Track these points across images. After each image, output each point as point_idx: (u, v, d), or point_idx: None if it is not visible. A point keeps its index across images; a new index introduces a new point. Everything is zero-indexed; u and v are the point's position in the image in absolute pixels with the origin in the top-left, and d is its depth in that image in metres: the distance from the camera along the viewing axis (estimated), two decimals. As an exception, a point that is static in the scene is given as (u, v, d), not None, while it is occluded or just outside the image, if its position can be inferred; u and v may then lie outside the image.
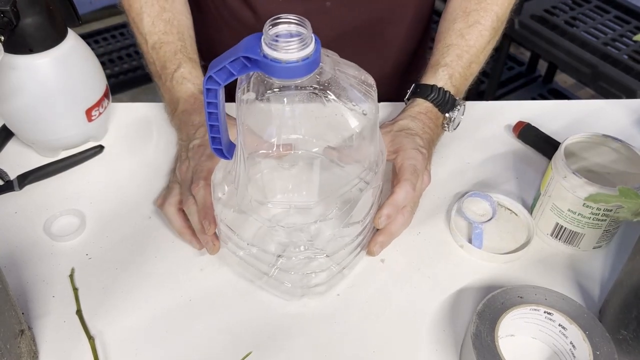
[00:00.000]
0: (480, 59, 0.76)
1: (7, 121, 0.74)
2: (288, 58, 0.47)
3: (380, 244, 0.62)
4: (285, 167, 0.70)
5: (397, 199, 0.61)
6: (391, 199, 0.61)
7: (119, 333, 0.58)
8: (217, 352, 0.56)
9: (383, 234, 0.62)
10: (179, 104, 0.73)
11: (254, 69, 0.50)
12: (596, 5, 1.89)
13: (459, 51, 0.74)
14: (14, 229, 0.67)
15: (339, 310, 0.60)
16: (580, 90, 2.23)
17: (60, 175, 0.73)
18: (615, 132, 0.67)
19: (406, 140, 0.66)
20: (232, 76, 0.51)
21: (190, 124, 0.71)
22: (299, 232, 0.55)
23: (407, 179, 0.62)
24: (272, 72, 0.49)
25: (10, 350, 0.51)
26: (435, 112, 0.72)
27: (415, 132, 0.68)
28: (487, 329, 0.53)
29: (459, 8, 0.77)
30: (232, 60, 0.49)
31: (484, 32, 0.75)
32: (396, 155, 0.66)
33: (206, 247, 0.62)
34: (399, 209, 0.62)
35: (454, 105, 0.72)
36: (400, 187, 0.62)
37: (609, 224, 0.61)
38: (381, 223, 0.61)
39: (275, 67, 0.48)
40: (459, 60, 0.73)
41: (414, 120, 0.70)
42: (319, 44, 0.50)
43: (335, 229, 0.57)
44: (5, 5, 0.62)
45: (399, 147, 0.66)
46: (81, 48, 0.71)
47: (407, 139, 0.67)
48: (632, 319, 0.53)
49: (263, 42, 0.48)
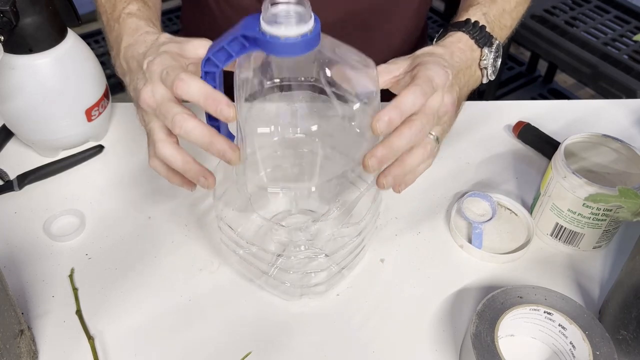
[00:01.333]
0: (512, 13, 0.69)
1: (7, 121, 0.74)
2: (287, 34, 0.47)
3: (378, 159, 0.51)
4: (286, 164, 0.70)
5: (402, 101, 0.50)
6: (394, 102, 0.50)
7: (118, 333, 0.58)
8: (217, 351, 0.56)
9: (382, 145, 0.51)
10: (122, 40, 0.63)
11: (253, 48, 0.49)
12: (596, 5, 1.89)
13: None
14: (14, 229, 0.67)
15: (338, 310, 0.60)
16: (580, 90, 2.23)
17: (60, 175, 0.73)
18: (615, 132, 0.67)
19: (428, 59, 0.56)
20: (230, 57, 0.50)
21: (136, 54, 0.59)
22: (298, 232, 0.55)
23: (417, 84, 0.51)
24: (271, 49, 0.48)
25: (9, 350, 0.51)
26: (471, 43, 0.62)
27: (441, 56, 0.59)
28: (487, 329, 0.53)
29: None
30: (230, 40, 0.49)
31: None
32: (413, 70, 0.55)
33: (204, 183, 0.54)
34: (404, 115, 0.50)
35: (491, 42, 0.63)
36: (407, 89, 0.51)
37: (608, 224, 0.61)
38: (380, 127, 0.49)
39: (273, 43, 0.47)
40: (492, 4, 0.67)
41: (442, 47, 0.61)
42: (319, 23, 0.49)
43: (334, 229, 0.57)
44: (5, 5, 0.62)
45: (418, 64, 0.56)
46: (81, 48, 0.71)
47: (429, 58, 0.57)
48: (632, 319, 0.53)
49: (262, 19, 0.47)
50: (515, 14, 0.70)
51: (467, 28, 0.63)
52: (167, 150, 0.53)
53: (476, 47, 0.63)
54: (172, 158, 0.54)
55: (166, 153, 0.54)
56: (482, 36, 0.63)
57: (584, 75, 1.68)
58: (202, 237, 0.66)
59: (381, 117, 0.49)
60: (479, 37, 0.63)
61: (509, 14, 0.69)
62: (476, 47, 0.63)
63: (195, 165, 0.54)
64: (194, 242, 0.66)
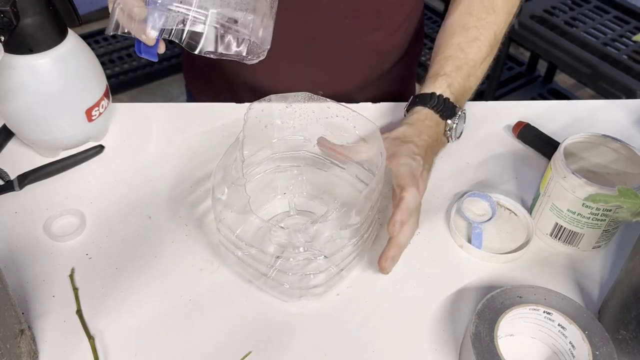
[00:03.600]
0: (478, 73, 0.76)
1: (7, 121, 0.74)
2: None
3: (391, 259, 0.60)
4: (285, 167, 0.70)
5: (407, 203, 0.60)
6: (402, 205, 0.60)
7: (119, 333, 0.58)
8: (217, 351, 0.56)
9: (392, 247, 0.60)
10: None
11: None
12: (596, 5, 1.89)
13: (458, 63, 0.74)
14: (14, 229, 0.67)
15: (338, 310, 0.60)
16: (580, 90, 2.23)
17: (60, 175, 0.73)
18: (615, 132, 0.67)
19: (400, 148, 0.66)
20: None
21: None
22: (297, 233, 0.55)
23: (410, 183, 0.61)
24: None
25: (10, 350, 0.51)
26: (436, 118, 0.71)
27: (410, 139, 0.67)
28: (487, 329, 0.53)
29: (458, 24, 0.77)
30: None
31: (482, 48, 0.75)
32: (390, 162, 0.65)
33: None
34: (411, 213, 0.60)
35: (454, 113, 0.71)
36: (408, 191, 0.61)
37: (608, 224, 0.61)
38: (395, 230, 0.59)
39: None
40: (458, 71, 0.73)
41: (411, 127, 0.69)
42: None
43: (333, 231, 0.57)
44: (5, 5, 0.62)
45: (392, 154, 0.65)
46: (81, 48, 0.71)
47: (401, 147, 0.66)
48: (632, 319, 0.53)
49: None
50: (480, 72, 0.76)
51: (431, 103, 0.71)
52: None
53: (441, 121, 0.71)
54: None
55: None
56: (446, 109, 0.71)
57: (584, 75, 1.68)
58: (202, 237, 0.66)
59: (395, 221, 0.59)
60: (443, 110, 0.71)
61: (475, 76, 0.75)
62: (441, 121, 0.71)
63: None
64: (194, 242, 0.66)
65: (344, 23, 0.82)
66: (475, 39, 0.75)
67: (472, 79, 0.75)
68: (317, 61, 0.85)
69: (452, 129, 0.71)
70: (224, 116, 0.81)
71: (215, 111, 0.82)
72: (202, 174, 0.73)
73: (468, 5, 0.77)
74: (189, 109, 0.84)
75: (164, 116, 0.81)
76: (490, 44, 0.76)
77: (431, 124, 0.70)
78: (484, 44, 0.75)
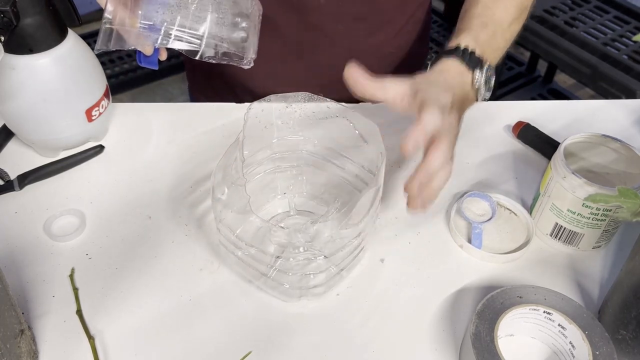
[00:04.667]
0: (506, 35, 0.71)
1: (7, 121, 0.74)
2: None
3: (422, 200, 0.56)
4: (285, 167, 0.70)
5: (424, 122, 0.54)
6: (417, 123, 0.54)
7: (119, 333, 0.58)
8: (217, 351, 0.56)
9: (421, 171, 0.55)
10: None
11: None
12: (596, 5, 1.89)
13: (484, 19, 0.70)
14: (14, 229, 0.67)
15: (338, 310, 0.60)
16: (580, 90, 2.23)
17: (60, 175, 0.73)
18: (615, 132, 0.67)
19: (426, 86, 0.60)
20: None
21: None
22: (297, 233, 0.55)
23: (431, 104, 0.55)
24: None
25: (10, 350, 0.51)
26: (461, 68, 0.65)
27: (436, 81, 0.62)
28: (487, 329, 0.53)
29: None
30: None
31: (510, 8, 0.72)
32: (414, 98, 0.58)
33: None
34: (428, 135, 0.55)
35: (481, 65, 0.65)
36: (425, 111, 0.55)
37: (608, 224, 0.61)
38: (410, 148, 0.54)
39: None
40: (483, 28, 0.69)
41: (436, 74, 0.64)
42: None
43: (333, 230, 0.57)
44: (5, 5, 0.62)
45: (419, 89, 0.59)
46: (81, 48, 0.71)
47: (428, 84, 0.60)
48: (632, 319, 0.53)
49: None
50: (509, 35, 0.72)
51: (457, 54, 0.65)
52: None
53: (466, 72, 0.65)
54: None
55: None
56: (472, 60, 0.65)
57: (584, 75, 1.68)
58: (202, 237, 0.66)
59: (409, 139, 0.53)
60: (468, 61, 0.65)
61: (502, 36, 0.71)
62: (466, 72, 0.65)
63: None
64: (194, 242, 0.66)
65: (344, 24, 0.82)
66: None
67: (499, 38, 0.70)
68: (317, 63, 0.85)
69: (479, 81, 0.65)
70: (224, 116, 0.81)
71: (215, 111, 0.82)
72: (202, 174, 0.73)
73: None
74: (189, 109, 0.84)
75: (164, 116, 0.81)
76: (518, 5, 0.73)
77: (455, 74, 0.64)
78: (511, 4, 0.72)
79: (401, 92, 0.59)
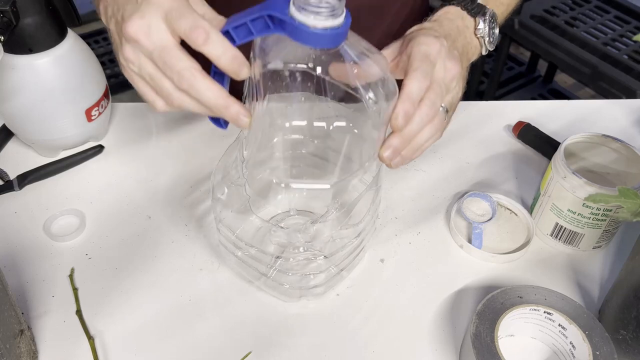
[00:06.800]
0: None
1: (7, 121, 0.74)
2: (317, 24, 0.44)
3: (393, 149, 0.51)
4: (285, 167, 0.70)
5: (409, 91, 0.50)
6: (403, 93, 0.50)
7: (119, 333, 0.58)
8: (217, 351, 0.56)
9: (397, 136, 0.51)
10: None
11: (277, 31, 0.46)
12: (596, 5, 1.89)
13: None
14: (13, 229, 0.67)
15: (338, 310, 0.60)
16: (580, 90, 2.23)
17: (60, 175, 0.73)
18: (615, 132, 0.67)
19: (418, 33, 0.56)
20: (250, 35, 0.47)
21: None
22: (297, 233, 0.55)
23: (417, 67, 0.51)
24: (298, 36, 0.45)
25: (9, 350, 0.51)
26: (462, 13, 0.61)
27: (430, 28, 0.58)
28: (487, 329, 0.53)
29: None
30: (254, 18, 0.46)
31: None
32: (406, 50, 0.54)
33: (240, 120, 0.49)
34: (416, 103, 0.51)
35: (484, 12, 0.62)
36: (410, 77, 0.51)
37: (608, 224, 0.61)
38: (399, 123, 0.50)
39: (301, 31, 0.45)
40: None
41: (431, 22, 0.61)
42: (350, 18, 0.47)
43: (333, 230, 0.57)
44: (5, 5, 0.62)
45: (409, 39, 0.55)
46: (81, 48, 0.71)
47: (419, 33, 0.56)
48: (632, 319, 0.53)
49: (292, 3, 0.45)
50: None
51: (457, 1, 0.62)
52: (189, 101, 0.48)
53: (467, 16, 0.62)
54: (195, 108, 0.48)
55: (189, 104, 0.48)
56: (474, 6, 0.62)
57: (584, 75, 1.67)
58: (202, 237, 0.66)
59: (398, 113, 0.50)
60: (470, 7, 0.62)
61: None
62: (467, 16, 0.62)
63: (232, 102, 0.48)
64: (194, 242, 0.66)
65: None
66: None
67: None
68: None
69: (483, 29, 0.62)
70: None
71: (215, 111, 0.82)
72: (202, 174, 0.73)
73: None
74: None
75: (164, 116, 0.81)
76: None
77: (454, 17, 0.61)
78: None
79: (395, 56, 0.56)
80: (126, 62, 0.48)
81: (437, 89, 0.52)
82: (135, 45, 0.46)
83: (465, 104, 0.75)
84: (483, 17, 0.62)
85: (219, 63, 0.46)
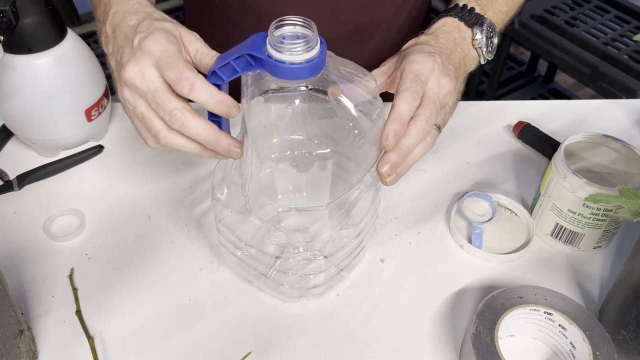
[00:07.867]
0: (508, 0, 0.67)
1: (7, 121, 0.74)
2: (292, 60, 0.47)
3: (391, 165, 0.52)
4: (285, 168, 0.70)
5: (399, 111, 0.52)
6: (392, 114, 0.52)
7: (118, 333, 0.58)
8: (217, 352, 0.56)
9: (394, 151, 0.52)
10: (111, 8, 0.56)
11: (258, 68, 0.49)
12: (596, 5, 1.89)
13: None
14: (13, 229, 0.67)
15: (338, 310, 0.60)
16: (580, 90, 2.23)
17: (60, 175, 0.73)
18: (615, 132, 0.67)
19: (412, 50, 0.57)
20: (235, 73, 0.50)
21: (125, 25, 0.54)
22: (297, 234, 0.55)
23: (406, 88, 0.53)
24: (276, 73, 0.49)
25: (9, 350, 0.50)
26: (458, 24, 0.62)
27: (425, 42, 0.59)
28: (487, 329, 0.53)
29: None
30: (236, 57, 0.49)
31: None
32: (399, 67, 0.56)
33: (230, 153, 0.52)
34: (406, 122, 0.52)
35: (481, 22, 0.62)
36: (399, 97, 0.52)
37: (609, 224, 0.61)
38: (390, 143, 0.51)
39: (279, 67, 0.48)
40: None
41: (427, 35, 0.61)
42: (325, 46, 0.49)
43: (333, 231, 0.57)
44: (5, 5, 0.62)
45: (403, 56, 0.56)
46: (81, 48, 0.71)
47: (412, 48, 0.58)
48: (632, 319, 0.53)
49: (268, 43, 0.48)
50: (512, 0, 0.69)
51: (454, 12, 0.63)
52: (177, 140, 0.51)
53: (465, 27, 0.62)
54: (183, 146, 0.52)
55: (176, 143, 0.51)
56: (471, 17, 0.62)
57: (584, 75, 1.67)
58: (202, 237, 0.66)
59: (388, 134, 0.51)
60: (467, 18, 0.62)
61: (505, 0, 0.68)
62: (465, 27, 0.62)
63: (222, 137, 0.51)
64: (193, 242, 0.66)
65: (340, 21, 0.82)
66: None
67: (500, 1, 0.67)
68: None
69: (480, 39, 0.62)
70: (223, 116, 0.81)
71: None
72: (202, 174, 0.73)
73: None
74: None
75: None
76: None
77: (451, 30, 0.62)
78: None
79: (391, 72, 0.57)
80: (124, 101, 0.53)
81: (431, 105, 0.54)
82: (132, 88, 0.51)
83: (465, 104, 0.75)
84: (480, 28, 0.63)
85: (207, 107, 0.50)
